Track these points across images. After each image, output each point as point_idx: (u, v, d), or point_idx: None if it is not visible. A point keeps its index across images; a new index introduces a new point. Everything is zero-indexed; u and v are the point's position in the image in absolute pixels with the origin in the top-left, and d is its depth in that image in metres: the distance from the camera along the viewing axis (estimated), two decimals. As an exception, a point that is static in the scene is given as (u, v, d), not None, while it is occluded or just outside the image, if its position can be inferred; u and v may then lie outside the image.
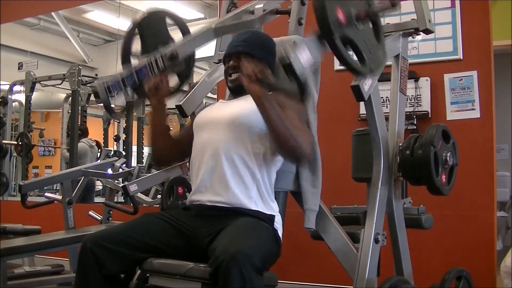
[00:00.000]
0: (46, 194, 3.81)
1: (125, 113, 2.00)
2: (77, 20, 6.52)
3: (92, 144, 5.75)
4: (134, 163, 5.48)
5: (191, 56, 2.13)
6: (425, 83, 3.15)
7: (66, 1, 5.19)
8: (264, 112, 1.66)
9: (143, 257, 1.68)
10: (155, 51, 1.93)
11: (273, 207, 1.79)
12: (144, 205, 3.85)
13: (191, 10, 5.93)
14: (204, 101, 2.18)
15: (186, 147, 1.93)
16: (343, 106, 3.29)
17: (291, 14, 2.23)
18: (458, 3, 3.11)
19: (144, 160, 5.55)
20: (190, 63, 2.16)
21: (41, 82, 5.64)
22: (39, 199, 4.50)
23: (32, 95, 5.62)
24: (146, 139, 1.98)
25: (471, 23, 3.08)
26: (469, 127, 3.01)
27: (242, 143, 1.76)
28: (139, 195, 3.57)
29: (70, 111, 5.28)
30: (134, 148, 5.61)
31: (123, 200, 4.53)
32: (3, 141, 5.52)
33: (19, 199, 3.37)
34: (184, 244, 1.72)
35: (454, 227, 2.98)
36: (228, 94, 2.04)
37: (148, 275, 1.72)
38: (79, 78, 5.02)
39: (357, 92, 1.69)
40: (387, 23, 2.14)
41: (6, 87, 6.15)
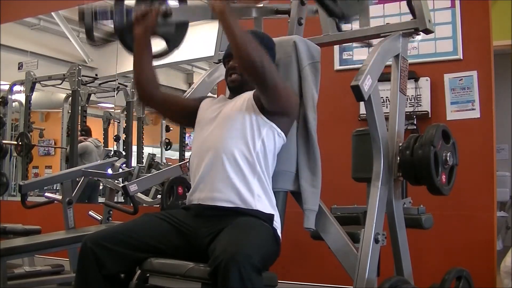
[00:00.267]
0: (46, 194, 3.81)
1: (105, 41, 1.97)
2: (77, 20, 6.50)
3: (99, 144, 5.79)
4: (134, 163, 5.48)
5: (183, 26, 2.12)
6: (425, 83, 3.15)
7: (66, 1, 5.19)
8: (228, 29, 1.68)
9: (143, 257, 1.68)
10: (150, 2, 1.92)
11: (272, 201, 1.80)
12: (144, 205, 3.85)
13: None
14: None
15: (171, 99, 1.94)
16: (343, 106, 3.29)
17: (291, 14, 2.24)
18: (458, 3, 3.11)
19: (144, 160, 5.55)
20: (181, 32, 2.13)
21: (41, 82, 5.63)
22: (39, 199, 4.50)
23: (32, 95, 5.61)
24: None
25: (471, 23, 3.08)
26: (469, 127, 3.01)
27: (241, 139, 1.77)
28: (139, 195, 3.56)
29: (70, 111, 5.28)
30: (134, 148, 5.60)
31: (123, 200, 4.52)
32: (3, 141, 5.51)
33: (19, 199, 3.37)
34: (184, 244, 1.72)
35: (454, 227, 2.98)
36: (228, 93, 2.04)
37: (148, 275, 1.72)
38: (79, 78, 5.02)
39: (357, 92, 1.69)
40: (387, 23, 2.14)
41: (6, 87, 6.14)
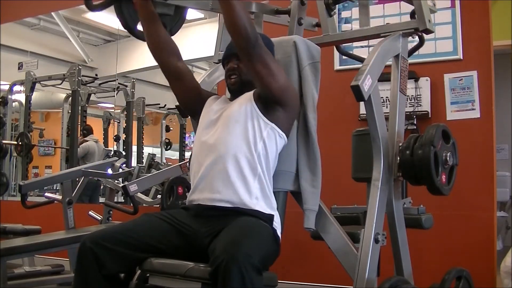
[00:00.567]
0: (46, 194, 3.81)
1: (103, 6, 1.94)
2: (77, 20, 6.51)
3: (96, 139, 5.80)
4: (134, 163, 5.48)
5: (182, 10, 2.12)
6: (425, 83, 3.15)
7: (66, 1, 5.19)
8: None
9: (143, 257, 1.68)
10: None
11: (272, 203, 1.80)
12: (144, 205, 3.85)
13: (191, 10, 5.91)
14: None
15: (186, 75, 1.95)
16: (343, 106, 3.29)
17: (291, 14, 2.24)
18: (458, 3, 3.11)
19: (144, 160, 5.55)
20: (179, 18, 2.14)
21: (41, 82, 5.64)
22: (39, 199, 4.50)
23: (32, 95, 5.61)
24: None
25: (471, 23, 3.08)
26: (469, 127, 3.01)
27: (243, 141, 1.77)
28: (139, 195, 3.56)
29: (70, 111, 5.28)
30: (134, 148, 5.60)
31: (123, 200, 4.52)
32: (3, 141, 5.51)
33: (19, 199, 3.37)
34: (184, 244, 1.72)
35: (454, 227, 2.97)
36: (229, 94, 2.04)
37: (148, 275, 1.72)
38: (79, 78, 5.02)
39: (357, 92, 1.69)
40: (387, 23, 2.14)
41: (6, 87, 6.14)
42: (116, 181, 3.68)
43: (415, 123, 3.13)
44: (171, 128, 6.48)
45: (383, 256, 1.89)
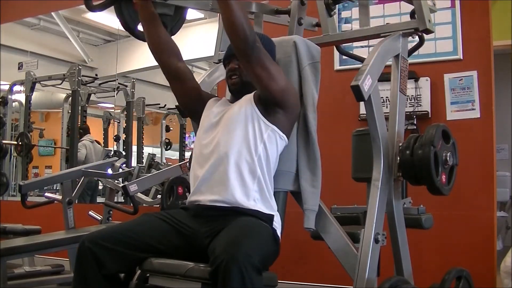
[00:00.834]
0: (46, 194, 3.81)
1: (103, 7, 1.94)
2: (77, 20, 6.51)
3: (92, 139, 5.80)
4: (134, 163, 5.48)
5: (182, 10, 2.12)
6: (425, 83, 3.15)
7: (66, 1, 5.19)
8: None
9: (143, 257, 1.68)
10: None
11: (272, 205, 1.79)
12: (144, 205, 3.85)
13: (191, 10, 5.91)
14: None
15: (186, 76, 1.94)
16: (343, 106, 3.29)
17: (291, 14, 2.23)
18: (458, 3, 3.11)
19: (144, 160, 5.55)
20: (179, 18, 2.13)
21: (41, 82, 5.64)
22: (39, 199, 4.50)
23: (32, 95, 5.62)
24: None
25: (471, 23, 3.08)
26: (469, 127, 3.01)
27: (243, 144, 1.77)
28: (139, 195, 3.57)
29: (70, 111, 5.28)
30: (134, 148, 5.60)
31: (123, 200, 4.52)
32: (3, 141, 5.51)
33: (19, 199, 3.37)
34: (184, 244, 1.72)
35: (454, 227, 2.97)
36: (229, 94, 2.04)
37: (148, 275, 1.72)
38: (79, 78, 5.02)
39: (357, 92, 1.69)
40: (387, 23, 2.14)
41: (6, 87, 6.14)
42: (116, 181, 3.68)
43: (415, 123, 3.13)
44: (171, 128, 6.48)
45: (383, 256, 1.89)
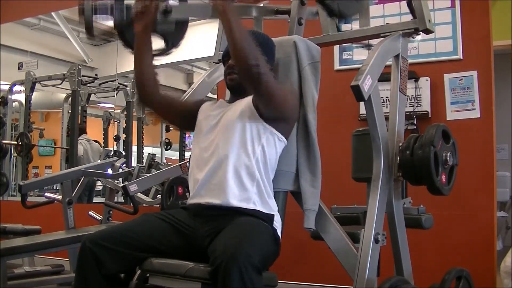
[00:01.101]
0: (46, 194, 3.81)
1: (105, 38, 1.96)
2: (77, 20, 6.49)
3: (88, 138, 5.79)
4: (134, 163, 5.48)
5: (183, 24, 2.10)
6: (425, 83, 3.15)
7: (66, 1, 5.19)
8: (229, 28, 1.64)
9: (143, 257, 1.68)
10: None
11: (272, 207, 1.79)
12: (144, 205, 3.85)
13: (191, 10, 5.91)
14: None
15: (176, 105, 1.93)
16: (343, 106, 3.29)
17: (291, 14, 2.24)
18: (458, 3, 3.11)
19: (144, 160, 5.55)
20: (180, 31, 2.12)
21: (41, 82, 5.64)
22: (39, 199, 4.50)
23: (32, 95, 5.62)
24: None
25: (471, 23, 3.08)
26: (469, 127, 3.01)
27: (242, 147, 1.76)
28: (139, 195, 3.56)
29: (70, 111, 5.28)
30: (134, 148, 5.60)
31: (123, 200, 4.52)
32: (3, 141, 5.51)
33: (19, 199, 3.37)
34: (184, 244, 1.72)
35: (454, 227, 2.97)
36: (228, 94, 2.03)
37: (148, 275, 1.72)
38: (79, 78, 5.02)
39: (357, 92, 1.69)
40: (387, 23, 2.14)
41: (6, 87, 6.14)
42: (116, 181, 3.68)
43: (415, 123, 3.13)
44: (171, 128, 6.47)
45: (383, 256, 1.89)
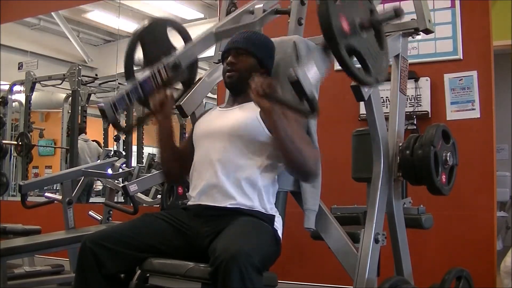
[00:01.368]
0: (46, 194, 3.81)
1: (135, 128, 1.97)
2: (77, 20, 6.52)
3: (86, 138, 5.78)
4: (134, 163, 5.48)
5: (194, 62, 2.11)
6: (425, 83, 3.15)
7: (66, 1, 5.19)
8: (274, 128, 1.63)
9: (143, 257, 1.68)
10: (158, 61, 1.91)
11: (272, 210, 1.79)
12: (144, 205, 3.85)
13: (191, 10, 5.93)
14: (204, 101, 2.18)
15: (190, 159, 1.90)
16: (343, 106, 3.29)
17: (291, 14, 2.23)
18: (458, 3, 3.11)
19: (144, 160, 5.55)
20: (193, 69, 2.14)
21: (41, 82, 5.64)
22: (39, 199, 4.50)
23: (32, 95, 5.62)
24: (157, 156, 1.97)
25: (471, 23, 3.08)
26: (469, 127, 3.01)
27: (243, 154, 1.75)
28: (139, 195, 3.56)
29: (70, 111, 5.28)
30: (134, 148, 5.61)
31: (123, 200, 4.52)
32: (3, 141, 5.51)
33: (19, 199, 3.37)
34: (184, 244, 1.72)
35: (454, 227, 2.98)
36: (227, 97, 2.03)
37: (148, 275, 1.72)
38: (79, 78, 5.02)
39: (357, 92, 1.69)
40: (387, 23, 2.14)
41: (6, 87, 6.15)
42: (116, 181, 3.68)
43: (415, 123, 3.13)
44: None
45: (383, 256, 1.89)
